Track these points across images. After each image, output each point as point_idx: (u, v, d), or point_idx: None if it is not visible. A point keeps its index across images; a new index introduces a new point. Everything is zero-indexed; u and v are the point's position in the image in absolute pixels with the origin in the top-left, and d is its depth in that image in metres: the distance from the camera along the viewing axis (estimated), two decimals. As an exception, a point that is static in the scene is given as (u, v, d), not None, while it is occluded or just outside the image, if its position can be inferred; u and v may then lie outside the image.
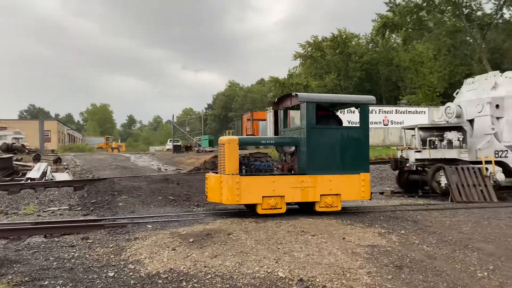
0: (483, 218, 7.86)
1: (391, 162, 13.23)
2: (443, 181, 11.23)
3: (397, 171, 13.34)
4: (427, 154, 12.00)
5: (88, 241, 6.32)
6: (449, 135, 12.22)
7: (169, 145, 48.81)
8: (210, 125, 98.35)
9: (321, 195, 7.78)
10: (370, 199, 8.67)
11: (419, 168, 12.50)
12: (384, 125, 27.98)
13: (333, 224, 7.17)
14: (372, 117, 27.82)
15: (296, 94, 8.19)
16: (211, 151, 32.62)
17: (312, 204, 7.92)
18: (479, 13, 30.71)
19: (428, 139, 12.43)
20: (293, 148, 8.23)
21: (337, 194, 7.90)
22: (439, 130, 12.59)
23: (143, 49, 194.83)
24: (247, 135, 30.85)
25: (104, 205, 9.90)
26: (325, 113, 8.43)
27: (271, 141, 8.59)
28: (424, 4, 30.76)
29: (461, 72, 34.67)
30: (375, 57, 45.85)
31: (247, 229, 6.70)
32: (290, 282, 4.51)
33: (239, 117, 40.21)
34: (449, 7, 30.27)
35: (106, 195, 10.81)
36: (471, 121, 12.47)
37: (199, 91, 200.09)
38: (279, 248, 5.66)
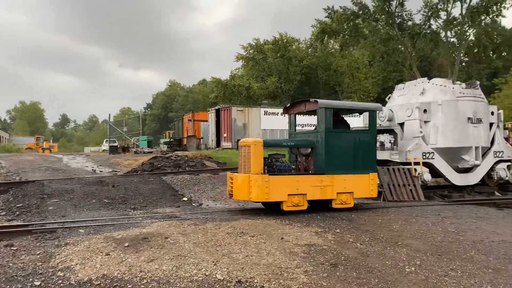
0: (411, 216, 8.33)
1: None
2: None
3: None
4: (361, 155, 12.51)
5: (12, 248, 5.86)
6: (382, 137, 12.84)
7: (105, 146, 46.89)
8: (149, 125, 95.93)
9: (337, 193, 8.44)
10: (376, 197, 9.36)
11: (354, 169, 13.01)
12: (323, 127, 28.88)
13: (272, 224, 7.25)
14: (312, 120, 28.53)
15: (315, 101, 8.74)
16: (150, 152, 31.79)
17: (328, 201, 8.52)
18: (409, 23, 32.63)
19: (362, 141, 12.97)
20: (309, 150, 8.82)
21: (350, 192, 8.60)
22: (379, 132, 13.19)
23: (78, 45, 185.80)
24: (187, 136, 30.43)
25: (32, 209, 9.25)
26: (335, 118, 8.98)
27: (292, 143, 9.05)
28: (360, 12, 32.11)
29: (393, 78, 36.71)
30: (314, 62, 47.27)
31: (186, 232, 6.57)
32: (228, 284, 4.48)
33: (180, 118, 39.57)
34: (383, 16, 31.86)
35: (35, 198, 10.12)
36: (401, 125, 13.19)
37: (138, 90, 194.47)
38: (217, 250, 5.61)
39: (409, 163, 12.05)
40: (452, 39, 33.69)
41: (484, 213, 8.84)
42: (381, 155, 12.48)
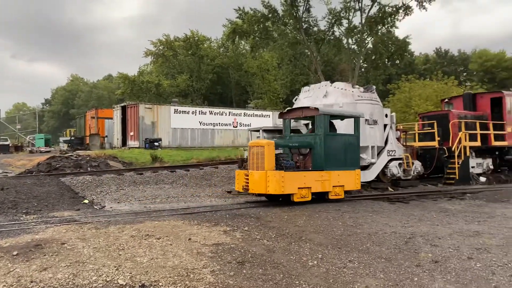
0: (315, 211, 8.73)
1: (238, 162, 13.83)
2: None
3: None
4: (270, 154, 12.86)
5: None
6: (289, 137, 13.33)
7: (-5, 145, 42.14)
8: (48, 123, 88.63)
9: (333, 186, 9.89)
10: (360, 189, 10.95)
11: (263, 167, 13.33)
12: (234, 127, 29.13)
13: (180, 225, 7.09)
14: (223, 119, 28.74)
15: (316, 108, 10.04)
16: (47, 151, 29.30)
17: (325, 194, 9.89)
18: (315, 28, 34.36)
19: (271, 140, 13.35)
20: (307, 150, 10.14)
21: (342, 186, 10.10)
22: (281, 132, 13.62)
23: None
24: (90, 134, 28.61)
25: None
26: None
27: (296, 144, 10.30)
28: (270, 16, 33.00)
29: (300, 81, 38.38)
30: (226, 61, 47.55)
31: (85, 237, 6.13)
32: (130, 290, 4.25)
33: (82, 115, 37.07)
34: (291, 21, 33.09)
35: None
36: (307, 125, 13.79)
37: (35, 84, 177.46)
38: (120, 255, 5.32)
39: (314, 162, 12.65)
40: (353, 46, 36.20)
41: (379, 207, 9.60)
42: (288, 154, 12.96)
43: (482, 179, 15.41)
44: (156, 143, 23.92)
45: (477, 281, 4.70)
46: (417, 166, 14.24)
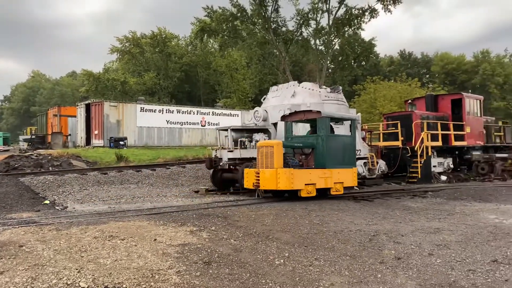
0: (282, 210, 8.78)
1: (206, 162, 13.70)
2: (251, 179, 12.19)
3: (211, 170, 13.88)
4: (238, 153, 12.84)
5: None
6: (257, 136, 13.35)
7: None
8: (7, 120, 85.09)
9: (334, 183, 10.53)
10: (357, 186, 11.75)
11: (231, 166, 13.28)
12: (202, 126, 28.92)
13: (145, 226, 6.95)
14: (191, 118, 28.47)
15: (318, 111, 10.84)
16: (6, 150, 28.11)
17: (326, 190, 10.55)
18: (284, 29, 34.60)
19: (239, 139, 13.31)
20: (310, 150, 10.84)
21: (341, 182, 10.73)
22: (249, 131, 13.64)
23: None
24: (52, 132, 27.64)
25: None
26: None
27: (300, 145, 11.04)
28: (239, 15, 32.96)
29: (269, 80, 38.58)
30: (194, 60, 47.14)
31: (45, 239, 5.91)
32: (92, 293, 4.13)
33: (44, 112, 35.76)
34: (260, 20, 33.18)
35: None
36: (275, 124, 13.87)
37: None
38: (82, 257, 5.15)
39: (281, 161, 12.73)
40: (320, 47, 36.72)
41: (344, 206, 9.76)
42: (256, 153, 12.96)
43: (443, 177, 15.98)
44: (121, 142, 23.41)
45: (437, 277, 4.86)
46: (382, 165, 14.59)
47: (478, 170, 17.19)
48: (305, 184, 9.96)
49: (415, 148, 15.27)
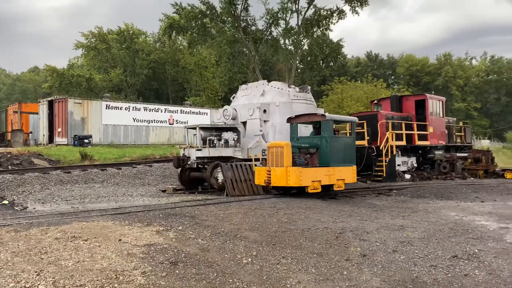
0: (251, 209, 8.77)
1: (174, 160, 13.51)
2: (220, 177, 12.12)
3: (179, 169, 13.71)
4: (206, 152, 12.74)
5: None
6: (226, 135, 13.28)
7: None
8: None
9: (336, 179, 11.30)
10: (356, 182, 12.60)
11: (199, 165, 13.16)
12: (170, 124, 28.52)
13: (110, 226, 6.77)
14: (159, 116, 28.02)
15: (323, 115, 11.73)
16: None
17: (330, 186, 11.34)
18: (253, 28, 34.54)
19: (208, 138, 13.21)
20: (314, 150, 11.58)
21: (343, 179, 11.51)
22: (218, 130, 13.56)
23: None
24: (12, 130, 26.52)
25: None
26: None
27: (306, 145, 11.69)
28: (208, 12, 32.64)
29: (239, 79, 38.45)
30: (162, 57, 46.37)
31: (2, 241, 5.65)
32: (52, 296, 3.97)
33: (4, 109, 34.26)
34: (230, 18, 32.99)
35: None
36: (244, 123, 13.86)
37: None
38: (42, 259, 4.95)
39: (251, 160, 12.73)
40: (289, 47, 36.94)
41: (312, 204, 9.86)
42: (225, 152, 12.91)
43: (407, 176, 16.44)
44: (86, 140, 22.76)
45: (401, 273, 4.98)
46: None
47: (440, 169, 17.78)
48: (312, 181, 10.73)
49: (381, 147, 15.62)
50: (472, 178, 17.96)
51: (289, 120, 12.52)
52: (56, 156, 17.99)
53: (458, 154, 18.71)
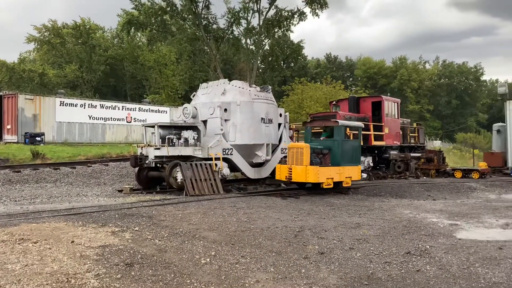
0: (210, 209, 8.69)
1: (131, 159, 13.16)
2: (179, 177, 11.91)
3: (137, 168, 13.36)
4: (165, 151, 12.49)
5: None
6: (186, 133, 13.08)
7: None
8: None
9: (345, 177, 12.67)
10: (360, 179, 13.68)
11: (158, 165, 12.89)
12: (127, 122, 27.81)
13: (62, 227, 6.48)
14: (116, 114, 27.25)
15: (336, 121, 13.13)
16: None
17: (339, 183, 12.66)
18: (214, 26, 34.29)
19: (167, 137, 12.94)
20: (327, 151, 12.72)
21: (350, 177, 12.87)
22: (177, 128, 13.33)
23: None
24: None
25: None
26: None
27: (321, 147, 12.74)
28: (168, 9, 32.07)
29: (200, 77, 38.08)
30: (120, 53, 45.13)
31: None
32: (-3, 303, 3.74)
33: None
34: (190, 16, 32.57)
35: None
36: (204, 122, 13.70)
37: None
38: (-14, 263, 4.66)
39: (211, 159, 12.62)
40: (251, 46, 37.00)
41: (272, 203, 9.92)
42: (184, 151, 12.70)
43: (363, 175, 16.84)
44: (38, 138, 21.77)
45: (357, 269, 5.09)
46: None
47: (395, 168, 18.41)
48: (326, 178, 12.12)
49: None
50: (424, 177, 18.74)
51: (305, 123, 14.24)
52: (5, 155, 17.09)
53: (412, 154, 19.45)
